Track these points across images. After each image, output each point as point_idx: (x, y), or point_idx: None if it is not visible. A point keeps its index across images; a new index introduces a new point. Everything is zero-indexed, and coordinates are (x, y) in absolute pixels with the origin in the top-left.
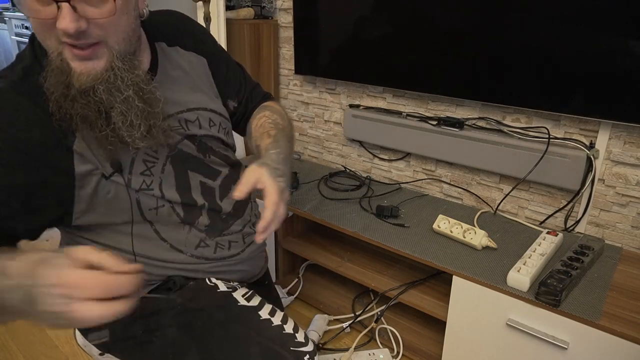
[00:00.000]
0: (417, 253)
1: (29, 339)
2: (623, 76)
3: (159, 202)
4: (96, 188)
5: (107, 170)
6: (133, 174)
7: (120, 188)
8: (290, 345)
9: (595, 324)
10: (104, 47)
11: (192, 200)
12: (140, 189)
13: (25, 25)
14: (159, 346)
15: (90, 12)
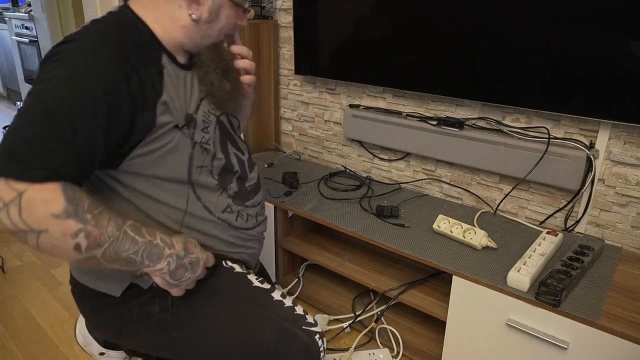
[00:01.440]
0: (417, 253)
1: (29, 339)
2: (623, 76)
3: (207, 160)
4: (164, 136)
5: (180, 122)
6: (197, 128)
7: (182, 140)
8: (301, 324)
9: (595, 324)
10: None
11: (230, 164)
12: (201, 142)
13: (25, 25)
14: (174, 324)
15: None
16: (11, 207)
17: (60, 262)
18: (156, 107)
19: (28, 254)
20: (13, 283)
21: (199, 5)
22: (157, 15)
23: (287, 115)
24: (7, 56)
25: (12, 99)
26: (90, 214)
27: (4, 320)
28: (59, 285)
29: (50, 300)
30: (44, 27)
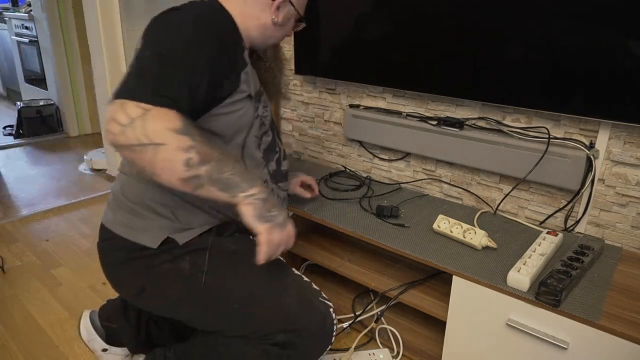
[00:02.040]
0: (417, 253)
1: (29, 339)
2: (623, 76)
3: (260, 133)
4: (239, 102)
5: (253, 93)
6: (260, 103)
7: (250, 109)
8: (319, 296)
9: (595, 324)
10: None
11: (274, 144)
12: (261, 115)
13: (25, 25)
14: (205, 283)
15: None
16: (137, 122)
17: (60, 262)
18: (240, 74)
19: (28, 254)
20: (13, 283)
21: (279, 13)
22: (243, 11)
23: (287, 115)
24: (7, 56)
25: (12, 99)
26: (199, 137)
27: (4, 320)
28: (59, 285)
29: (50, 300)
30: (44, 27)
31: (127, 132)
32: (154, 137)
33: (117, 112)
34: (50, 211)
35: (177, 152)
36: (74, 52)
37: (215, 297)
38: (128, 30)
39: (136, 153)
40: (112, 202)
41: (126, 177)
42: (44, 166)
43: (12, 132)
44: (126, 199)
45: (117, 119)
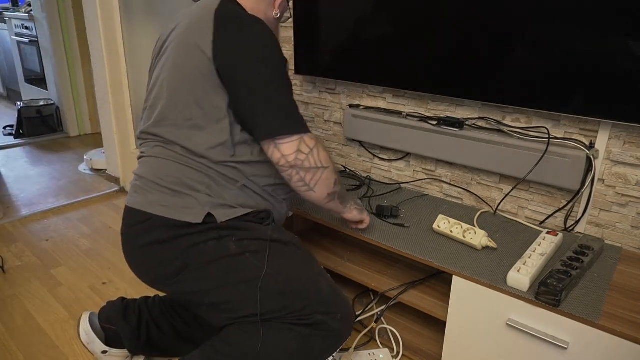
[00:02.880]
0: (417, 253)
1: (29, 339)
2: (623, 76)
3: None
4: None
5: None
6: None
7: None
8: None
9: (595, 324)
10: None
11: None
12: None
13: (25, 25)
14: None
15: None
16: (314, 151)
17: (60, 262)
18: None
19: (28, 254)
20: (13, 283)
21: (280, 7)
22: (255, 9)
23: None
24: (7, 56)
25: (12, 99)
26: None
27: (4, 320)
28: (59, 285)
29: (50, 300)
30: (44, 27)
31: (309, 158)
32: (324, 162)
33: (301, 145)
34: (50, 211)
35: (333, 173)
36: (74, 52)
37: (259, 276)
38: (128, 30)
39: (311, 173)
40: (142, 186)
41: (156, 160)
42: (44, 166)
43: (12, 132)
44: (161, 180)
45: (302, 149)
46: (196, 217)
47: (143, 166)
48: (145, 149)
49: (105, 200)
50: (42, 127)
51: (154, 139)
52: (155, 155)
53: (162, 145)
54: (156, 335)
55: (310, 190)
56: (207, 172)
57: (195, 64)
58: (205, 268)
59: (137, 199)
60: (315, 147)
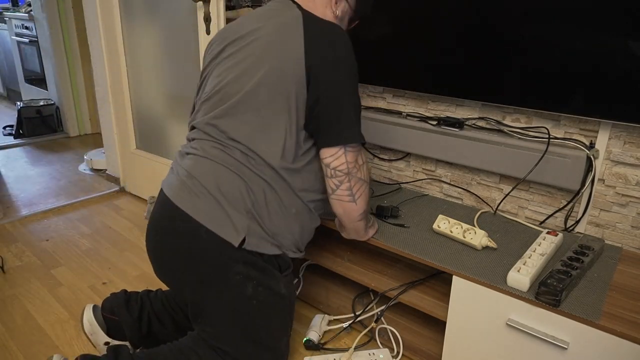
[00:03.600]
0: (417, 253)
1: (29, 339)
2: (623, 76)
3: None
4: None
5: None
6: None
7: None
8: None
9: (595, 324)
10: None
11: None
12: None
13: (25, 25)
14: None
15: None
16: (366, 165)
17: (60, 262)
18: None
19: (28, 254)
20: (13, 283)
21: (337, 6)
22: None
23: None
24: (7, 56)
25: (12, 99)
26: None
27: (4, 320)
28: (59, 285)
29: (50, 300)
30: (44, 27)
31: (362, 169)
32: (368, 177)
33: (359, 155)
34: (50, 211)
35: (369, 189)
36: (74, 52)
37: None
38: (128, 30)
39: (359, 184)
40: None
41: (212, 164)
42: (44, 166)
43: (12, 132)
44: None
45: (358, 160)
46: (235, 239)
47: (197, 165)
48: (201, 146)
49: (105, 200)
50: (42, 127)
51: (214, 135)
52: (211, 158)
53: (221, 147)
54: (157, 327)
55: (352, 202)
56: (259, 183)
57: (283, 63)
58: (219, 292)
59: (184, 199)
60: (366, 162)
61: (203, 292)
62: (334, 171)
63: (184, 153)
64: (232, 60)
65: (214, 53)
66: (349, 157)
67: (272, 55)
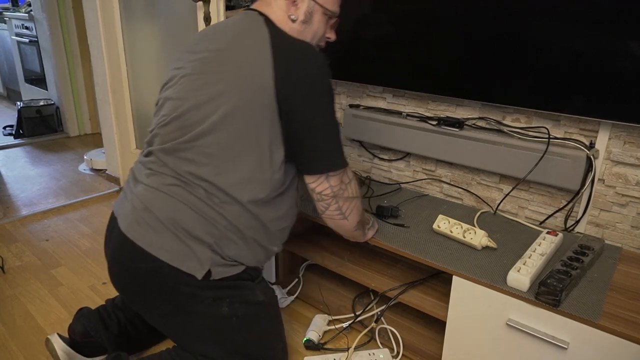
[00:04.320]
0: (417, 253)
1: (29, 339)
2: (623, 76)
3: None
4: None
5: None
6: None
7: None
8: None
9: (595, 324)
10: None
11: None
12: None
13: (25, 25)
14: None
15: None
16: (352, 182)
17: (60, 262)
18: None
19: (28, 254)
20: (13, 283)
21: (297, 9)
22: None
23: None
24: (7, 56)
25: (12, 99)
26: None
27: (4, 320)
28: (59, 285)
29: (50, 300)
30: (44, 27)
31: (348, 188)
32: (357, 192)
33: (344, 176)
34: (50, 211)
35: (361, 203)
36: (74, 52)
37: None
38: (128, 30)
39: (348, 202)
40: (150, 223)
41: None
42: (44, 166)
43: (12, 132)
44: (173, 226)
45: (344, 180)
46: (199, 272)
47: (154, 200)
48: (159, 180)
49: (105, 200)
50: (42, 127)
51: (175, 169)
52: (170, 194)
53: (182, 184)
54: (133, 333)
55: (344, 219)
56: (221, 222)
57: (252, 94)
58: (195, 318)
59: (143, 235)
60: (353, 178)
61: (178, 322)
62: (319, 195)
63: (138, 180)
64: (195, 82)
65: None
66: (332, 181)
67: (239, 85)
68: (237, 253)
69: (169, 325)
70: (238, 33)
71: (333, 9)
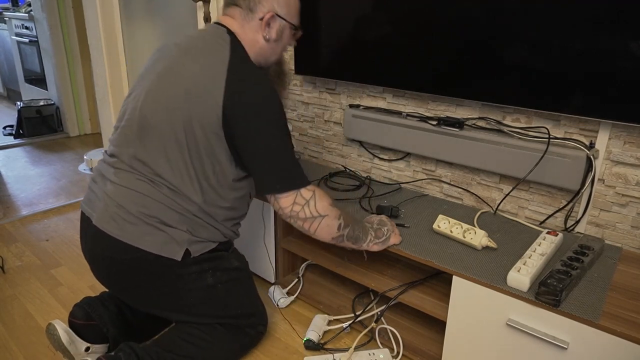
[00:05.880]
0: (418, 253)
1: (29, 339)
2: (623, 76)
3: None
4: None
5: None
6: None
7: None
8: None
9: (595, 324)
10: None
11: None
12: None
13: (25, 25)
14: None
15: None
16: (310, 202)
17: (60, 262)
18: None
19: (28, 254)
20: (13, 283)
21: (270, 29)
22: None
23: (287, 115)
24: (7, 56)
25: (12, 99)
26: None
27: (4, 320)
28: (59, 285)
29: (50, 300)
30: (44, 27)
31: (305, 210)
32: (321, 211)
33: (297, 198)
34: (50, 211)
35: (334, 220)
36: (74, 52)
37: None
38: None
39: (308, 222)
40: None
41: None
42: (44, 166)
43: (12, 132)
44: (147, 217)
45: (298, 201)
46: (179, 254)
47: (125, 196)
48: (126, 178)
49: None
50: (42, 127)
51: (139, 169)
52: (140, 191)
53: (148, 181)
54: (131, 318)
55: (313, 235)
56: (188, 216)
57: (204, 110)
58: (185, 295)
59: (122, 230)
60: (311, 198)
61: (170, 301)
62: (279, 214)
63: (105, 178)
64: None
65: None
66: (282, 202)
67: (193, 100)
68: (208, 235)
69: (163, 306)
70: (204, 49)
71: (298, 24)
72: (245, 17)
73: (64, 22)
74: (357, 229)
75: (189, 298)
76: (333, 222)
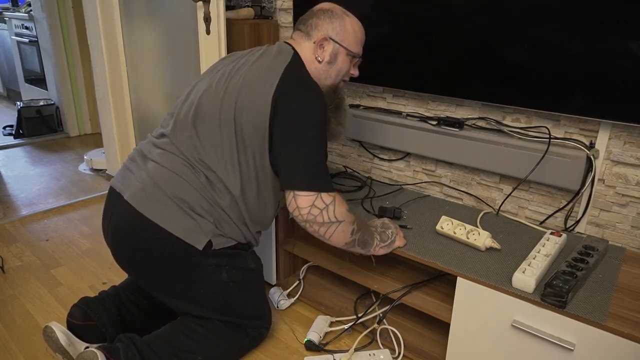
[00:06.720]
0: (421, 255)
1: (29, 339)
2: (623, 76)
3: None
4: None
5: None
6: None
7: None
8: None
9: (601, 325)
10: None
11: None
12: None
13: (25, 25)
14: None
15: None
16: (330, 207)
17: (60, 262)
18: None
19: (28, 254)
20: (13, 283)
21: (323, 51)
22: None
23: None
24: (7, 56)
25: (12, 99)
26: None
27: (4, 320)
28: (59, 285)
29: (50, 300)
30: (44, 27)
31: (323, 214)
32: (339, 217)
33: (317, 201)
34: (50, 211)
35: (349, 225)
36: (74, 52)
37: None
38: (128, 30)
39: (325, 227)
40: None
41: (180, 179)
42: (44, 166)
43: (12, 132)
44: (182, 200)
45: (317, 205)
46: (201, 243)
47: (165, 177)
48: (170, 160)
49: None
50: (42, 127)
51: (185, 153)
52: (179, 174)
53: (190, 166)
54: (129, 320)
55: (326, 241)
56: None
57: (254, 101)
58: (198, 284)
59: (154, 209)
60: (331, 203)
61: (182, 288)
62: (293, 216)
63: (147, 158)
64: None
65: (212, 69)
66: (300, 202)
67: (246, 90)
68: (231, 232)
69: (173, 293)
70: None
71: (356, 51)
72: (304, 38)
73: (64, 22)
74: (366, 233)
75: (200, 288)
76: (348, 228)
